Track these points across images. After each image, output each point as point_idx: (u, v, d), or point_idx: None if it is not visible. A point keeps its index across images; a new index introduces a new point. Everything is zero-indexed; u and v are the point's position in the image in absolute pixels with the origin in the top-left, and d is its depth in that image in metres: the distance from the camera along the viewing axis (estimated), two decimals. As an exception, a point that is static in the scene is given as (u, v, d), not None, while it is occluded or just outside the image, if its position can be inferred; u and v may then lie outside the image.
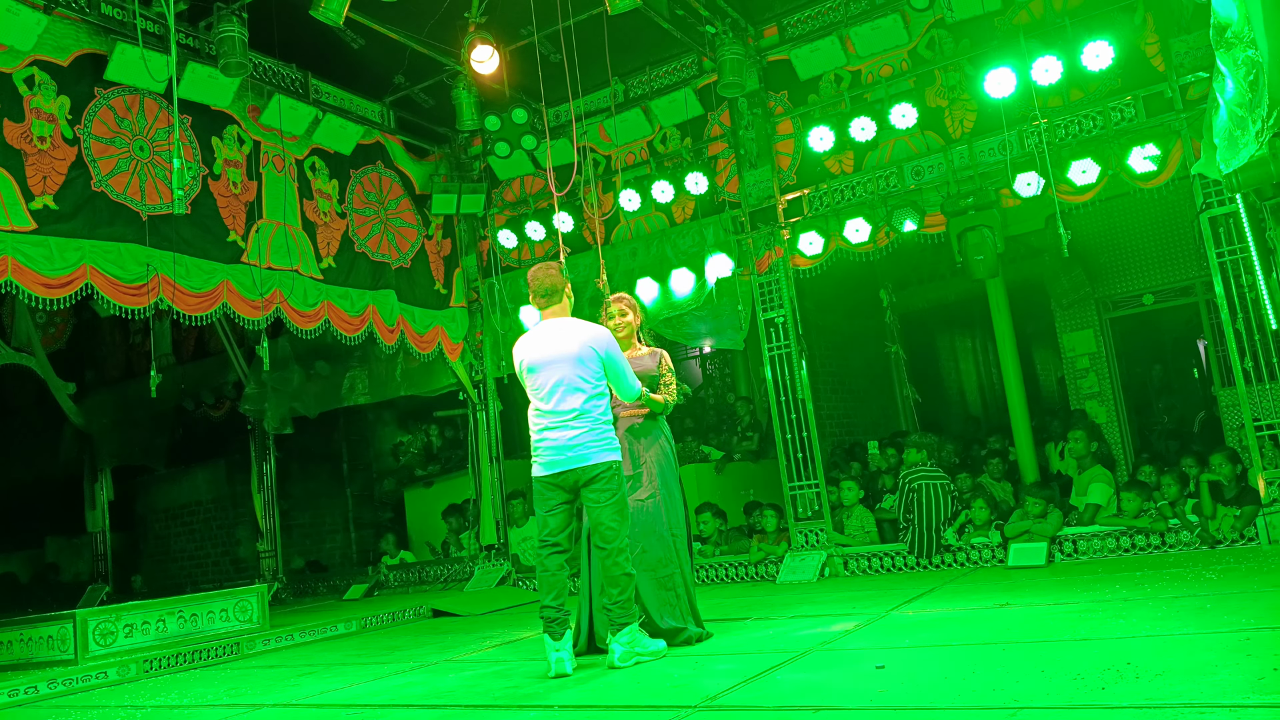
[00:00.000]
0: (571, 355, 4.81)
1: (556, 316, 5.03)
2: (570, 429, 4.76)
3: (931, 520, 7.60)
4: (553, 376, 4.82)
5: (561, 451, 4.78)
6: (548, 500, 4.87)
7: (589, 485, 4.78)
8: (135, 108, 7.16)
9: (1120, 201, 8.55)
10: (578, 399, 4.78)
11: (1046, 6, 7.54)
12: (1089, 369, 10.20)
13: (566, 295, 5.10)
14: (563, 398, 4.79)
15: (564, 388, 4.79)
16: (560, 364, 4.81)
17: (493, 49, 7.52)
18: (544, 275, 5.05)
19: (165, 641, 6.88)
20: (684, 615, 5.16)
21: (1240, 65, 4.19)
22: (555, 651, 4.61)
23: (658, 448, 5.39)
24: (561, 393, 4.79)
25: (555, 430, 4.79)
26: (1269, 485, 6.56)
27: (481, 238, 10.23)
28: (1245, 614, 4.08)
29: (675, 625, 5.11)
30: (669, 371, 5.51)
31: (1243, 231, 6.75)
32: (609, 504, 4.77)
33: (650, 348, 5.60)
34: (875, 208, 8.02)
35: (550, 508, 4.86)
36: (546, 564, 4.82)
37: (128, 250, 6.99)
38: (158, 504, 14.82)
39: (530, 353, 4.93)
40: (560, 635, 4.64)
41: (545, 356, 4.86)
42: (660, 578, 5.17)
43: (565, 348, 4.84)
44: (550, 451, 4.81)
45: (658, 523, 5.24)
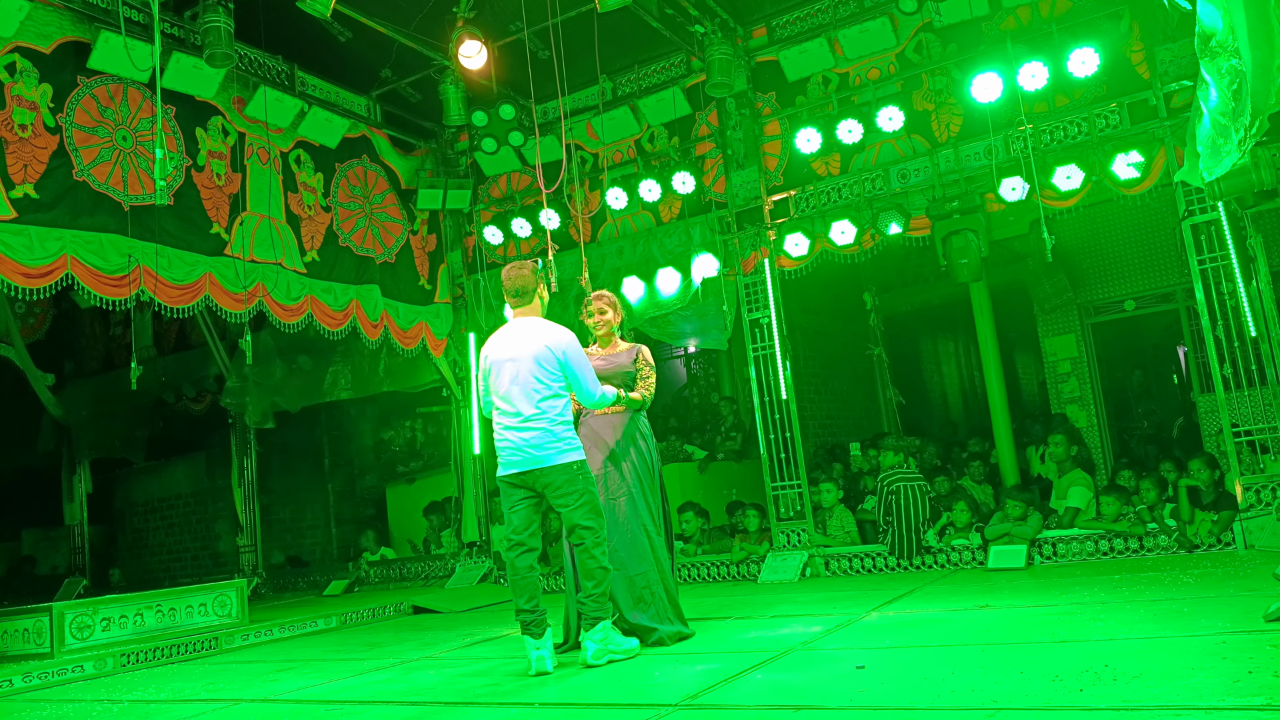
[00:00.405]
0: (530, 355, 4.82)
1: (526, 316, 5.02)
2: (528, 429, 4.76)
3: (911, 521, 7.63)
4: (510, 376, 4.83)
5: (519, 451, 4.79)
6: (509, 497, 4.88)
7: (554, 491, 4.77)
8: (119, 97, 7.11)
9: (1103, 208, 8.60)
10: (534, 399, 4.77)
11: (1034, 12, 7.58)
12: (1070, 374, 10.26)
13: (539, 295, 5.07)
14: (519, 397, 4.79)
15: (520, 388, 4.79)
16: (519, 364, 4.82)
17: (481, 44, 7.51)
18: (515, 275, 5.03)
19: (143, 636, 6.84)
20: (659, 615, 5.12)
21: (1224, 74, 4.22)
22: (536, 650, 4.61)
23: (633, 444, 5.37)
24: (518, 392, 4.79)
25: (513, 430, 4.80)
26: (1246, 491, 6.62)
27: (467, 234, 10.21)
28: (1221, 618, 4.12)
29: (646, 624, 5.08)
30: (647, 365, 5.47)
31: (1224, 239, 6.81)
32: (579, 506, 4.78)
33: (629, 344, 5.58)
34: (861, 210, 8.04)
35: (513, 504, 4.86)
36: (516, 565, 4.81)
37: (109, 240, 6.94)
38: (136, 497, 14.72)
39: (494, 351, 4.95)
40: (540, 634, 4.63)
41: (506, 356, 4.88)
42: (630, 576, 5.14)
43: (525, 348, 4.84)
44: (509, 451, 4.82)
45: (630, 521, 5.22)
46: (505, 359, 4.87)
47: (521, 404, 4.77)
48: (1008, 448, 9.04)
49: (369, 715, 4.12)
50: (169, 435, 13.73)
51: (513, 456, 4.80)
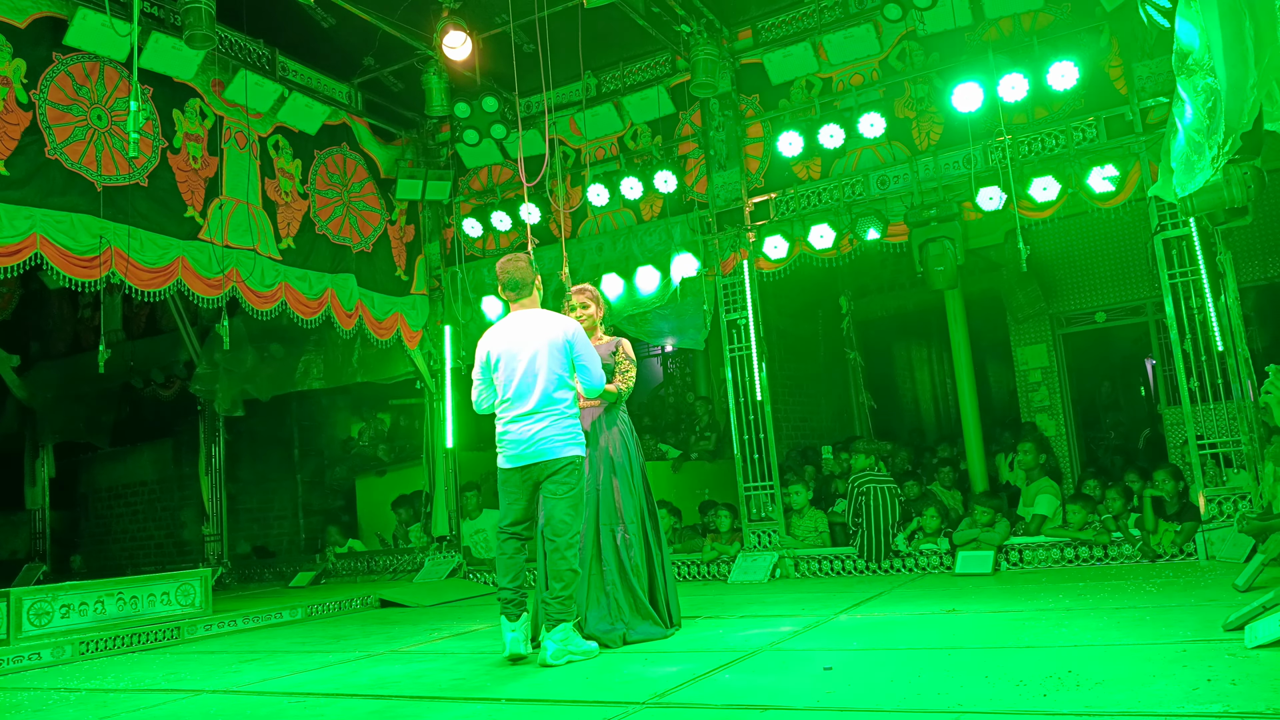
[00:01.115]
0: (538, 347, 4.79)
1: (525, 309, 5.01)
2: (536, 422, 4.77)
3: (880, 524, 7.68)
4: (519, 369, 4.80)
5: (526, 445, 4.78)
6: (510, 491, 4.88)
7: (550, 481, 4.78)
8: (95, 75, 7.01)
9: (1078, 220, 8.70)
10: (543, 391, 4.76)
11: (1016, 25, 7.65)
12: (1040, 383, 10.36)
13: (536, 288, 5.09)
14: (527, 390, 4.77)
15: (529, 380, 4.77)
16: (526, 356, 4.79)
17: (466, 35, 7.48)
18: (513, 267, 5.02)
19: (103, 624, 6.75)
20: (616, 614, 5.09)
21: (1200, 92, 4.28)
22: (511, 632, 4.68)
23: (612, 439, 5.37)
24: (526, 385, 4.77)
25: (520, 423, 4.79)
26: (1209, 503, 6.72)
27: (446, 225, 10.16)
28: (1183, 626, 4.18)
29: (604, 626, 5.07)
30: (626, 359, 5.49)
31: (1194, 254, 6.90)
32: (566, 497, 4.78)
33: (611, 338, 5.59)
34: (840, 215, 8.08)
35: (513, 497, 4.87)
36: (504, 548, 4.85)
37: (80, 221, 6.84)
38: (100, 483, 14.53)
39: (497, 345, 4.92)
40: (516, 617, 4.69)
41: (512, 349, 4.85)
42: (590, 576, 5.14)
43: (532, 340, 4.82)
44: (514, 444, 4.81)
45: (593, 515, 5.22)
46: (511, 352, 4.84)
47: (530, 396, 4.77)
48: (977, 454, 9.12)
49: (333, 708, 4.09)
50: (136, 420, 13.56)
51: (518, 449, 4.80)
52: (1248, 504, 6.55)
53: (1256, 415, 6.76)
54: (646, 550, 5.37)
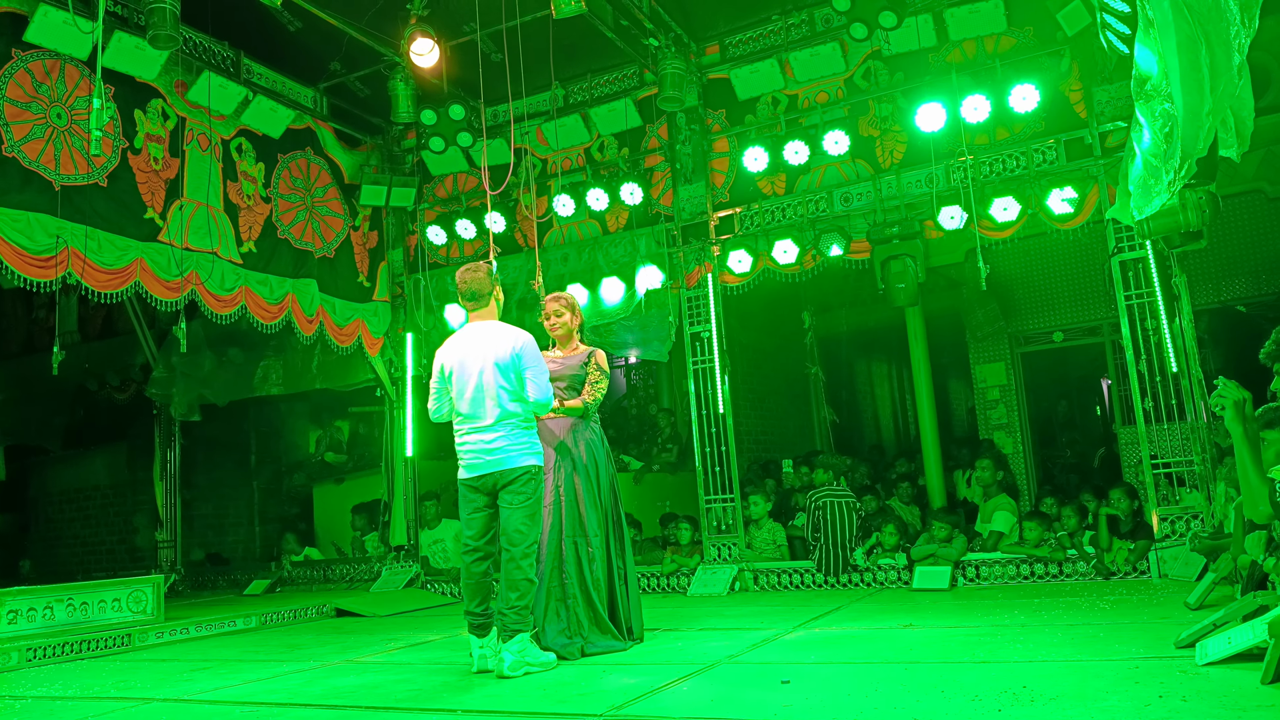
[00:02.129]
0: (491, 360, 4.78)
1: (483, 319, 5.00)
2: (492, 432, 4.75)
3: (838, 539, 7.72)
4: (470, 383, 4.78)
5: (482, 455, 4.77)
6: (469, 502, 4.85)
7: (506, 490, 4.77)
8: (55, 73, 6.90)
9: (1037, 241, 8.83)
10: (497, 404, 4.75)
11: (979, 47, 7.76)
12: (999, 400, 10.50)
13: (495, 298, 5.04)
14: (482, 403, 4.77)
15: (483, 393, 4.77)
16: (480, 369, 4.78)
17: (434, 43, 7.45)
18: (471, 278, 4.98)
19: (52, 630, 6.59)
20: (575, 628, 5.06)
21: (1157, 117, 4.37)
22: (480, 647, 4.73)
23: (580, 450, 5.34)
24: (481, 398, 4.77)
25: (476, 434, 4.78)
26: (1162, 521, 6.83)
27: (410, 232, 10.10)
28: (1136, 644, 4.24)
29: (562, 640, 5.03)
30: (598, 370, 5.43)
31: (1150, 277, 7.03)
32: (522, 507, 4.76)
33: (587, 347, 5.56)
34: (804, 230, 8.15)
35: (472, 510, 4.84)
36: (472, 570, 4.82)
37: (37, 220, 6.72)
38: (52, 486, 14.22)
39: (453, 356, 4.88)
40: (485, 634, 4.75)
41: (464, 362, 4.83)
42: (549, 588, 5.11)
43: (486, 352, 4.81)
44: (471, 454, 4.80)
45: (556, 526, 5.19)
46: (463, 365, 4.82)
47: (485, 409, 4.75)
48: (936, 470, 9.21)
49: (286, 717, 4.03)
50: (89, 424, 13.30)
51: (475, 460, 4.78)
52: (1200, 523, 6.67)
53: (1209, 436, 6.91)
54: (609, 563, 5.31)
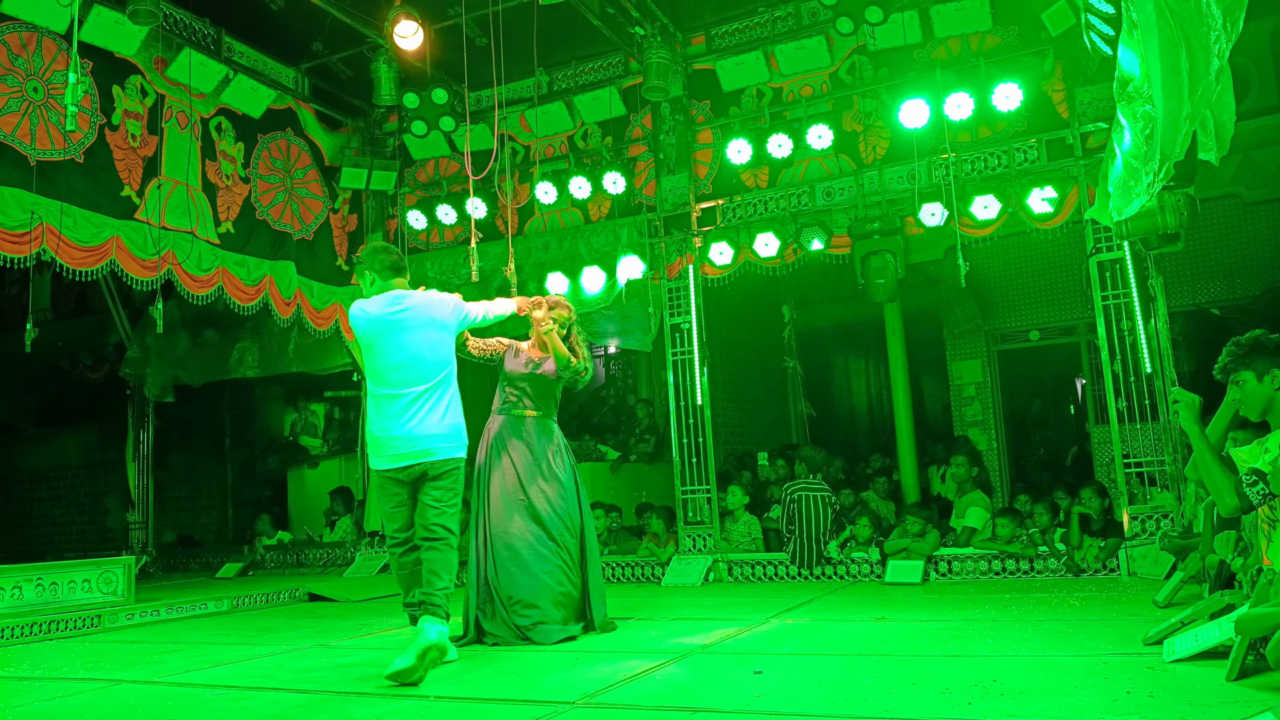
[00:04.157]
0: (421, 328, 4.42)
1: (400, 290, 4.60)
2: (420, 415, 4.36)
3: (812, 531, 7.76)
4: (396, 351, 4.37)
5: (411, 442, 4.37)
6: (391, 495, 4.50)
7: (433, 486, 4.42)
8: (32, 46, 6.80)
9: (1016, 239, 8.89)
10: (427, 380, 4.40)
11: (964, 45, 7.79)
12: (974, 398, 10.57)
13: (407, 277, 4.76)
14: (409, 378, 4.37)
15: (411, 367, 4.38)
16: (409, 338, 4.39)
17: (418, 26, 7.40)
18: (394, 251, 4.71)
19: (20, 610, 6.52)
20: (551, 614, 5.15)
21: (1138, 119, 4.40)
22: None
23: (546, 443, 5.42)
24: (408, 372, 4.37)
25: (403, 416, 4.36)
26: (1133, 520, 6.91)
27: (390, 216, 10.03)
28: (1104, 640, 4.29)
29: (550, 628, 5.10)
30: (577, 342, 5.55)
31: (1127, 278, 7.09)
32: (450, 506, 4.48)
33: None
34: (785, 224, 8.16)
35: (396, 504, 4.52)
36: (402, 561, 4.64)
37: (11, 194, 6.63)
38: (22, 465, 14.08)
39: (371, 322, 4.43)
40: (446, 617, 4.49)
41: (390, 328, 4.40)
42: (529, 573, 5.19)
43: (414, 318, 4.43)
44: (397, 442, 4.38)
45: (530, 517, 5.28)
46: (389, 332, 4.38)
47: (413, 386, 4.35)
48: (910, 466, 9.26)
49: (257, 701, 4.01)
50: (62, 403, 13.18)
51: (401, 448, 4.36)
52: (1170, 522, 6.75)
53: (1181, 437, 6.98)
54: (582, 551, 5.37)
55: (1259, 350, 3.60)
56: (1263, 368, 3.57)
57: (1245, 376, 3.61)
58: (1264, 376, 3.56)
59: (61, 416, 13.35)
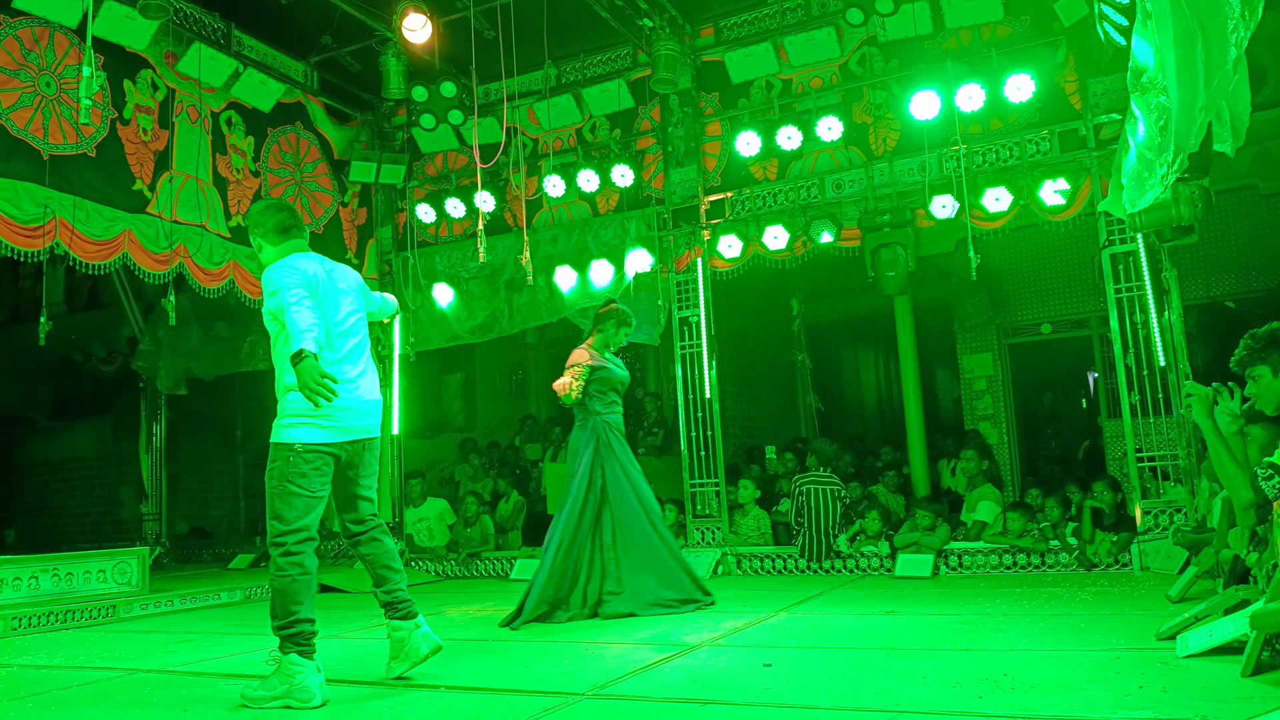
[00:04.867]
0: (355, 294, 4.18)
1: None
2: (365, 384, 4.08)
3: (821, 525, 7.75)
4: (346, 314, 4.06)
5: (360, 415, 4.01)
6: (323, 473, 3.93)
7: (367, 469, 4.12)
8: (44, 40, 6.82)
9: (1028, 232, 8.84)
10: (364, 348, 4.13)
11: (975, 35, 7.74)
12: (985, 391, 10.54)
13: None
14: (355, 343, 4.08)
15: (355, 332, 4.09)
16: (351, 302, 4.13)
17: (426, 19, 7.39)
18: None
19: (37, 599, 6.59)
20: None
21: (1152, 110, 4.37)
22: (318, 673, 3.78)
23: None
24: (354, 338, 4.08)
25: (355, 384, 4.02)
26: (1145, 514, 6.87)
27: (399, 210, 10.04)
28: (1116, 634, 4.27)
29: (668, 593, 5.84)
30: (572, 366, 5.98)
31: (1141, 270, 7.05)
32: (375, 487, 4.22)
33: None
34: (795, 216, 8.13)
35: (323, 483, 3.96)
36: (307, 565, 3.85)
37: (24, 189, 6.66)
38: (37, 456, 14.18)
39: (322, 271, 4.04)
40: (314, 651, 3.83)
41: (340, 285, 4.09)
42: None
43: (351, 284, 4.19)
44: (349, 414, 3.95)
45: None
46: (335, 291, 4.04)
47: (355, 355, 4.06)
48: (920, 459, 9.25)
49: (270, 692, 4.02)
50: (75, 395, 13.26)
51: (351, 420, 3.96)
52: (1183, 517, 6.72)
53: (1195, 431, 6.94)
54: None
55: (1275, 344, 3.57)
56: (1279, 361, 3.55)
57: (1261, 371, 3.59)
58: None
59: (75, 409, 13.43)
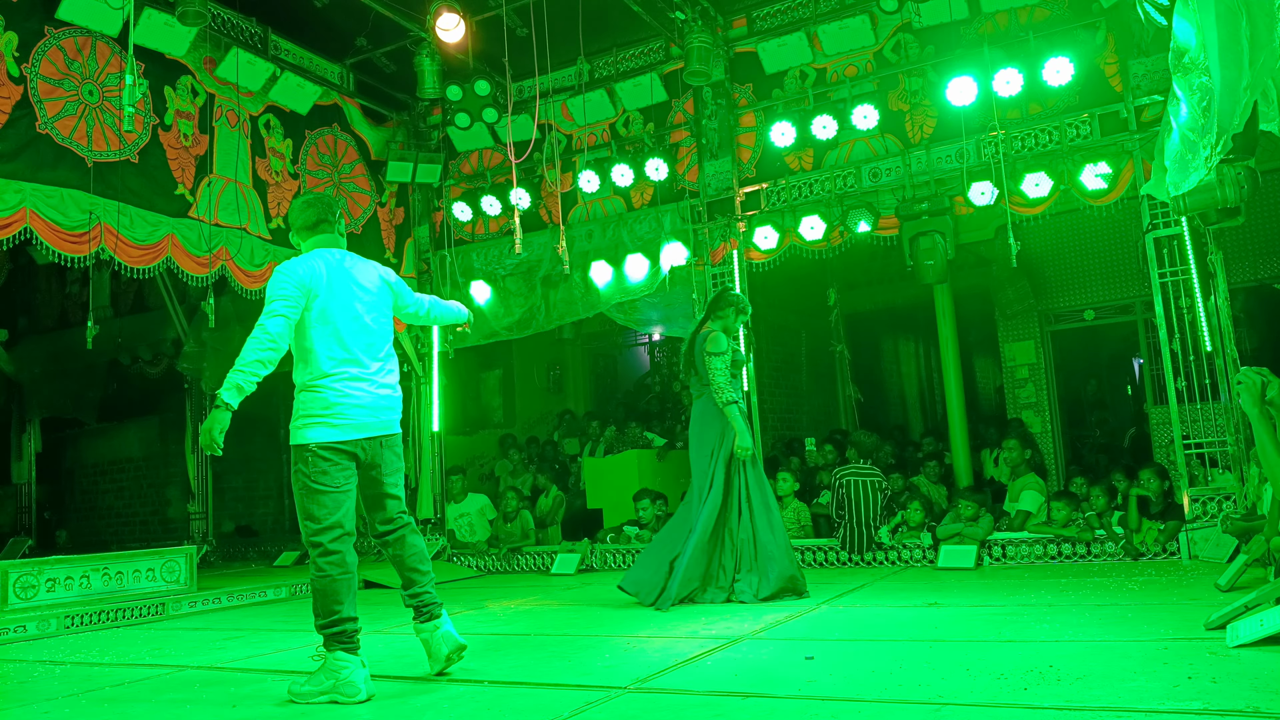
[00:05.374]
0: (373, 292, 4.12)
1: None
2: (380, 382, 4.04)
3: (862, 516, 7.70)
4: (355, 312, 4.02)
5: (372, 413, 3.98)
6: (340, 472, 3.94)
7: (390, 467, 4.08)
8: (86, 50, 6.96)
9: (1069, 217, 8.72)
10: (380, 347, 4.08)
11: (1012, 19, 7.64)
12: (1028, 379, 10.40)
13: None
14: (367, 343, 4.03)
15: (368, 331, 4.05)
16: (365, 299, 4.06)
17: (459, 18, 7.43)
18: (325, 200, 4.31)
19: (88, 598, 6.73)
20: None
21: (1195, 91, 4.29)
22: (363, 668, 3.83)
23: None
24: (366, 337, 4.03)
25: (363, 382, 3.99)
26: (1193, 503, 6.76)
27: (435, 209, 10.11)
28: (1164, 624, 4.21)
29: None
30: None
31: (1185, 254, 6.92)
32: (401, 484, 4.18)
33: None
34: (831, 206, 8.08)
35: (345, 481, 3.96)
36: (347, 561, 3.88)
37: (70, 196, 6.81)
38: (86, 458, 14.48)
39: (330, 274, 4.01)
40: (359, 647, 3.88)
41: (349, 284, 4.05)
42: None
43: (366, 280, 4.12)
44: (359, 411, 3.95)
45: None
46: (349, 288, 4.02)
47: (370, 351, 4.02)
48: (963, 449, 9.15)
49: (316, 687, 4.08)
50: (122, 397, 13.51)
51: (364, 417, 3.95)
52: (1232, 505, 6.60)
53: (1243, 417, 6.81)
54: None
55: None
56: None
57: None
58: None
59: (123, 411, 13.69)
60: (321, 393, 3.95)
